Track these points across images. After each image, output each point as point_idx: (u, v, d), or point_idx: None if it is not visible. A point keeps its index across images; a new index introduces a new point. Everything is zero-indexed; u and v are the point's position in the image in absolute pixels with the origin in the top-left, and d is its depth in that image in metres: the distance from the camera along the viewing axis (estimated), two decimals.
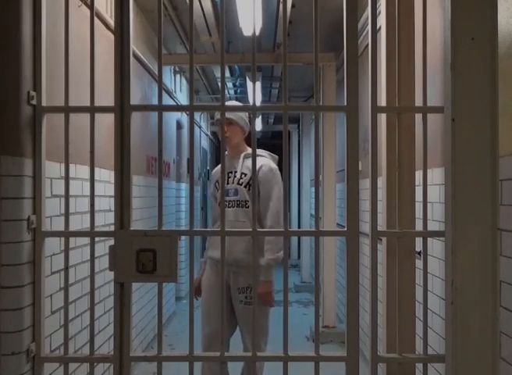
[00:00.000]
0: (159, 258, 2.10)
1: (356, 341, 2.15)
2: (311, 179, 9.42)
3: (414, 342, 2.54)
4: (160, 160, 2.22)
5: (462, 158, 1.93)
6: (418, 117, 2.35)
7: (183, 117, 7.22)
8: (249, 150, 3.09)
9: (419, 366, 2.44)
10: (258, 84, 6.99)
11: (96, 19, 2.53)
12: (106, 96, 2.40)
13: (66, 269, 2.23)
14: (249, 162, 3.01)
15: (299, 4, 4.34)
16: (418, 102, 2.38)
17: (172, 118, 6.48)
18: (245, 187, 3.08)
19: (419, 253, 2.41)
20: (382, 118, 2.71)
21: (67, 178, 2.21)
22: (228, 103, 3.12)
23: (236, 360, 2.51)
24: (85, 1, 3.00)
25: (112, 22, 2.89)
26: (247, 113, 3.25)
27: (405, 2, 2.53)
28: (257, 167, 2.99)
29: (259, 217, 3.04)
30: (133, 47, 2.20)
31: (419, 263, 2.39)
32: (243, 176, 3.09)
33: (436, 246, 2.62)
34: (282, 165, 2.28)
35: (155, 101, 2.32)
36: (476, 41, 1.92)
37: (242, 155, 3.15)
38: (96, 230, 2.30)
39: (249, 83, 6.93)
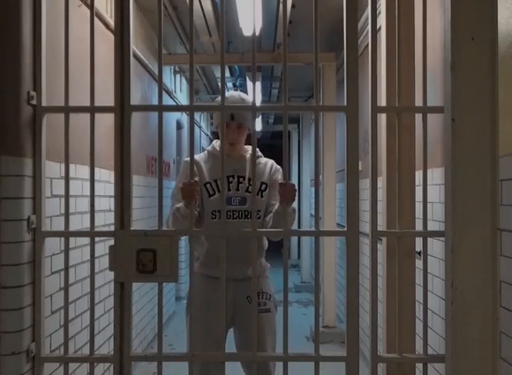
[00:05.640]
0: (159, 258, 2.10)
1: (356, 341, 2.15)
2: (311, 179, 9.42)
3: (414, 342, 2.54)
4: (160, 160, 2.22)
5: (462, 158, 1.94)
6: (418, 117, 2.35)
7: (183, 117, 7.22)
8: (249, 150, 2.66)
9: (419, 366, 2.44)
10: (258, 84, 6.98)
11: (96, 19, 2.53)
12: (106, 96, 2.40)
13: (66, 269, 2.23)
14: (256, 164, 2.42)
15: (299, 4, 4.34)
16: (418, 102, 2.38)
17: (172, 118, 6.48)
18: (257, 194, 2.55)
19: (419, 253, 2.41)
20: (382, 118, 2.71)
21: (67, 178, 2.21)
22: (231, 93, 2.75)
23: (237, 360, 2.51)
24: (85, 1, 3.00)
25: (112, 22, 2.89)
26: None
27: (405, 2, 2.53)
28: (268, 167, 2.69)
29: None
30: (133, 47, 2.20)
31: (419, 263, 2.39)
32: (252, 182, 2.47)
33: (436, 246, 2.62)
34: (283, 165, 2.28)
35: (155, 101, 2.31)
36: (476, 41, 1.92)
37: (247, 156, 2.67)
38: (96, 230, 2.30)
39: (249, 83, 6.92)
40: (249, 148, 2.71)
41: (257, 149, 2.68)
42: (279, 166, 2.72)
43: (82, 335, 3.01)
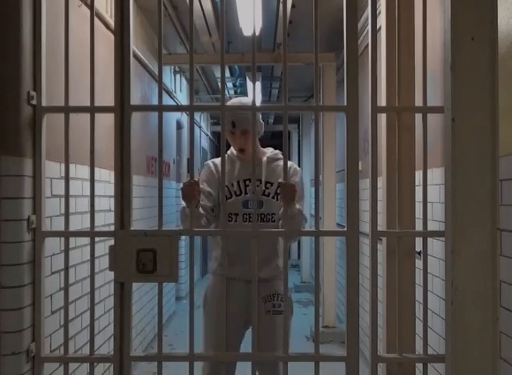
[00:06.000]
0: (159, 258, 2.10)
1: (356, 341, 2.15)
2: (311, 179, 9.42)
3: (414, 342, 2.54)
4: (160, 160, 2.22)
5: (462, 158, 1.94)
6: (418, 117, 2.35)
7: (183, 117, 7.22)
8: (268, 152, 2.73)
9: (419, 366, 2.44)
10: (258, 84, 6.99)
11: (96, 19, 2.53)
12: (106, 96, 2.40)
13: (66, 269, 2.23)
14: (274, 167, 2.68)
15: (299, 4, 4.34)
16: (418, 102, 2.38)
17: (172, 118, 6.48)
18: (273, 197, 2.62)
19: (419, 253, 2.41)
20: (382, 118, 2.71)
21: (67, 178, 2.21)
22: (232, 101, 2.70)
23: (237, 360, 2.51)
24: (85, 1, 3.00)
25: (112, 22, 2.89)
26: (259, 113, 2.85)
27: (405, 2, 2.53)
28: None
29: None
30: (133, 47, 2.20)
31: (419, 263, 2.39)
32: (268, 185, 2.63)
33: (436, 246, 2.62)
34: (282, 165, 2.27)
35: (155, 101, 2.32)
36: (476, 41, 1.92)
37: (264, 159, 2.69)
38: (96, 230, 2.30)
39: (249, 83, 6.92)
40: (268, 150, 2.75)
41: (278, 151, 2.75)
42: (298, 168, 2.73)
43: (82, 335, 3.02)
